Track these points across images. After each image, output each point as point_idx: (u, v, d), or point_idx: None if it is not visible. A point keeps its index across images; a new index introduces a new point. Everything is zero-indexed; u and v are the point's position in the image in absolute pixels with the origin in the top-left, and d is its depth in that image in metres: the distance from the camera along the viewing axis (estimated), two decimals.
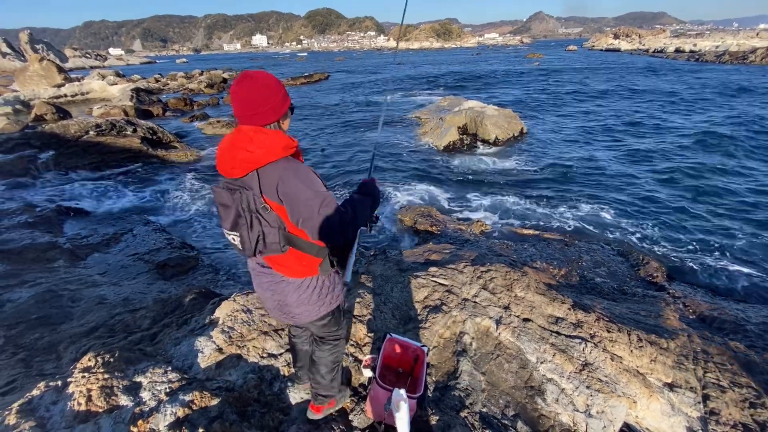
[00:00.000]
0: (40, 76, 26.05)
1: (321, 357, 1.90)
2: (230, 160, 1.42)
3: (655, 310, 3.54)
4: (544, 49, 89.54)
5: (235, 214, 1.42)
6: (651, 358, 2.58)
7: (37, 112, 17.01)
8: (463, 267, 3.68)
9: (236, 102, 1.43)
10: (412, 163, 10.84)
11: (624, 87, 23.86)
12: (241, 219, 1.43)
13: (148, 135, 11.75)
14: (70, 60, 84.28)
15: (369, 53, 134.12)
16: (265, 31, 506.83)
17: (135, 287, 4.67)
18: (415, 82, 31.88)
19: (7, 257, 5.32)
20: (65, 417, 1.75)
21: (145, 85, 29.52)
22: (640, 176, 9.17)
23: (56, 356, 3.14)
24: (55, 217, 7.09)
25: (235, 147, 1.41)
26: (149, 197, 8.80)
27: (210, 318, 2.90)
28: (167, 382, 2.04)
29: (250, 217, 1.43)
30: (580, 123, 14.99)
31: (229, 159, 1.42)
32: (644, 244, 6.15)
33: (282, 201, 1.44)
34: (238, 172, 1.43)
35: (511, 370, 2.53)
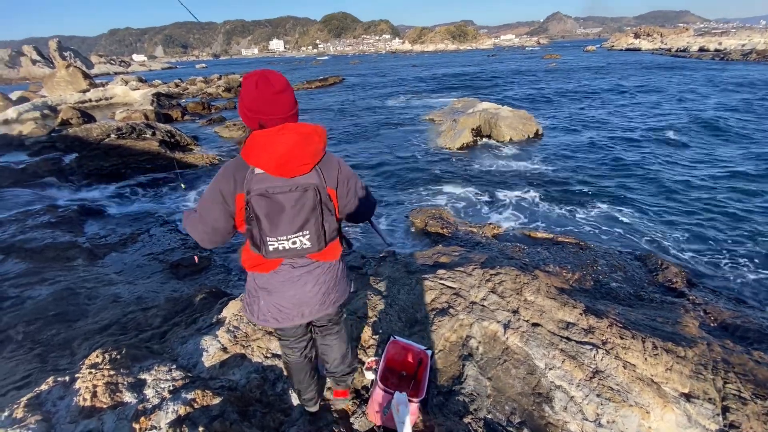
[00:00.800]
0: (66, 82, 27.05)
1: (342, 336, 1.98)
2: (302, 157, 1.37)
3: (674, 317, 3.40)
4: (562, 50, 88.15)
5: (308, 212, 1.42)
6: (667, 366, 2.47)
7: (63, 116, 17.68)
8: (472, 270, 3.62)
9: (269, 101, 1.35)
10: (425, 165, 10.79)
11: (646, 87, 23.25)
12: (316, 216, 1.44)
13: (166, 138, 12.05)
14: (95, 66, 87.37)
15: (384, 56, 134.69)
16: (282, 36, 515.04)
17: (149, 286, 4.77)
18: (429, 84, 31.82)
19: (29, 256, 5.51)
20: (71, 412, 1.78)
21: (166, 89, 30.34)
22: (660, 178, 8.89)
23: (70, 352, 3.22)
24: (76, 217, 7.33)
25: (306, 143, 1.37)
26: (166, 199, 9.00)
27: (217, 317, 2.93)
28: (171, 380, 2.06)
29: (322, 212, 1.46)
30: (598, 124, 14.66)
31: (301, 156, 1.36)
32: (664, 249, 5.95)
33: (338, 186, 1.51)
34: (307, 168, 1.40)
35: (518, 375, 2.46)
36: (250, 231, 1.47)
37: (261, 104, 1.34)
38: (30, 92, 29.57)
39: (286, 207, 1.38)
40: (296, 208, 1.39)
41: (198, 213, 1.47)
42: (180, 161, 11.23)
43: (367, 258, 5.15)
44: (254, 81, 1.34)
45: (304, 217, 1.42)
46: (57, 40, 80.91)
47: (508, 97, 21.56)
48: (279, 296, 1.61)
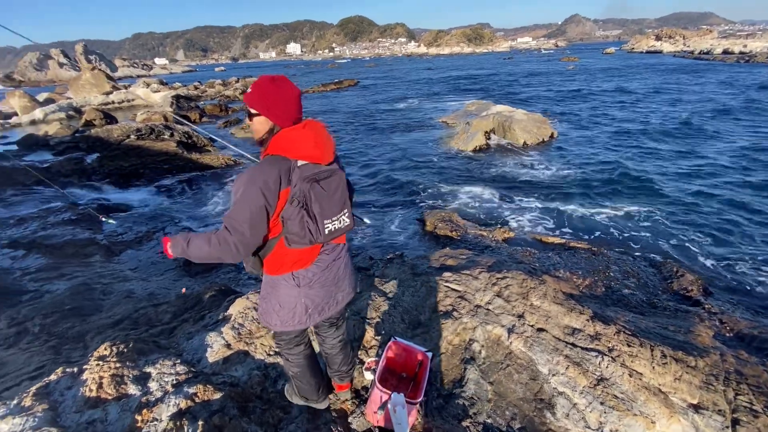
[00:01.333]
0: (91, 84, 27.98)
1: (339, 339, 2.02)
2: (330, 147, 1.54)
3: (686, 326, 3.30)
4: (580, 53, 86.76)
5: (343, 194, 1.57)
6: (675, 376, 2.40)
7: (87, 117, 18.29)
8: (478, 273, 3.59)
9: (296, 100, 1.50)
10: (436, 167, 10.76)
11: (664, 89, 22.69)
12: (346, 195, 1.59)
13: (183, 139, 12.34)
14: (119, 69, 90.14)
15: (399, 59, 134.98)
16: (299, 39, 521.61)
17: (161, 283, 4.89)
18: (443, 87, 31.75)
19: (50, 251, 5.72)
20: (76, 402, 1.84)
21: (185, 92, 31.08)
22: (678, 184, 8.66)
23: (83, 345, 3.32)
24: (95, 215, 7.55)
25: (327, 134, 1.55)
26: (181, 198, 9.20)
27: (224, 314, 2.98)
28: (175, 374, 2.10)
29: (348, 190, 1.63)
30: (615, 128, 14.37)
31: (329, 146, 1.54)
32: (680, 255, 5.78)
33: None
34: (331, 157, 1.56)
35: (520, 381, 2.43)
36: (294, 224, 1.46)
37: (292, 104, 1.48)
38: (56, 94, 30.70)
39: (332, 190, 1.51)
40: (339, 190, 1.54)
41: (230, 226, 1.39)
42: (196, 162, 11.48)
43: (375, 259, 5.16)
44: (279, 84, 1.46)
45: (344, 197, 1.57)
46: (83, 44, 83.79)
47: (523, 100, 21.33)
48: (319, 288, 1.67)
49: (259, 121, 1.49)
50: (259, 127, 1.51)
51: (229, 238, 1.39)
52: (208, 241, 1.43)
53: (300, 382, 1.94)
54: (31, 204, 7.95)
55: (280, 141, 1.46)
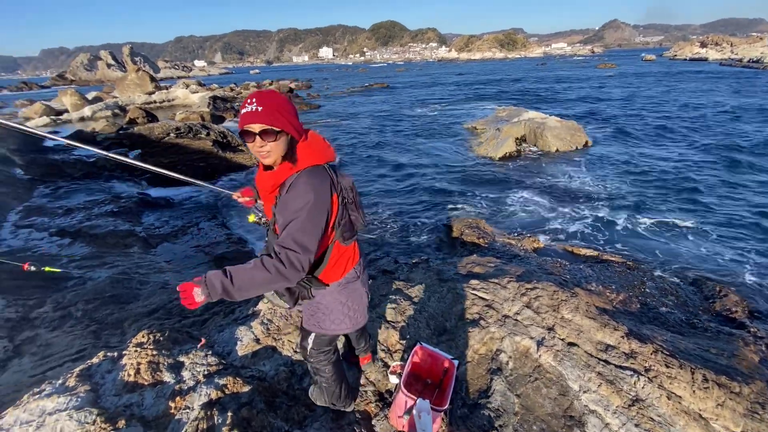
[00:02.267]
0: (135, 84, 29.51)
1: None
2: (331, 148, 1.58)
3: (730, 349, 3.10)
4: (617, 59, 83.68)
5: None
6: (718, 401, 2.26)
7: (131, 115, 19.28)
8: (506, 282, 3.52)
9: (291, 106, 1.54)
10: (464, 173, 10.64)
11: (709, 99, 21.52)
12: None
13: (219, 138, 12.78)
14: (161, 71, 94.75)
15: (430, 64, 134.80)
16: (332, 43, 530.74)
17: (194, 275, 5.06)
18: (473, 92, 31.42)
19: (93, 240, 6.05)
20: (116, 385, 1.93)
21: (221, 93, 32.20)
22: (721, 198, 8.17)
23: (121, 331, 3.49)
24: (136, 208, 7.95)
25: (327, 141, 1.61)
26: (215, 195, 9.53)
27: (253, 310, 3.06)
28: (206, 365, 2.17)
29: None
30: (653, 137, 13.76)
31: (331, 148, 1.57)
32: (723, 274, 5.44)
33: None
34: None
35: (549, 395, 2.36)
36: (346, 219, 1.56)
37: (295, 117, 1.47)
38: (103, 93, 32.57)
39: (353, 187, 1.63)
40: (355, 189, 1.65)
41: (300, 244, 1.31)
42: (230, 161, 11.87)
43: (400, 263, 5.16)
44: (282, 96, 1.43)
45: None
46: (130, 46, 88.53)
47: (555, 107, 20.79)
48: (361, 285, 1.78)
49: (284, 140, 1.37)
50: (281, 146, 1.37)
51: (300, 258, 1.30)
52: (265, 268, 1.28)
53: (329, 388, 1.97)
54: (78, 195, 8.45)
55: (310, 151, 1.43)
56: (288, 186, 1.38)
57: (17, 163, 10.26)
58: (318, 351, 1.83)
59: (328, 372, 1.90)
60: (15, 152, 11.21)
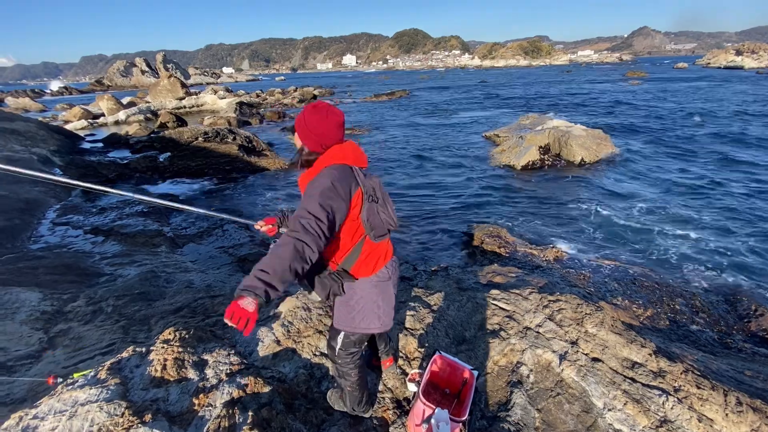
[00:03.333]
0: (167, 90, 30.71)
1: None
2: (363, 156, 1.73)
3: (766, 372, 2.94)
4: (647, 67, 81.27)
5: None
6: (752, 426, 2.14)
7: (162, 120, 20.06)
8: (528, 293, 3.46)
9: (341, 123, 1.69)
10: (485, 181, 10.53)
11: (742, 111, 20.59)
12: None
13: (244, 143, 13.14)
14: (191, 77, 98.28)
15: (453, 71, 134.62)
16: (355, 51, 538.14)
17: (218, 276, 5.20)
18: (496, 100, 31.14)
19: (124, 239, 6.30)
20: (143, 380, 2.00)
21: (248, 99, 33.16)
22: (758, 214, 7.77)
23: (148, 328, 3.61)
24: (164, 209, 8.23)
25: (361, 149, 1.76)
26: (240, 196, 9.77)
27: (274, 311, 3.11)
28: (229, 364, 2.23)
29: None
30: (685, 149, 13.26)
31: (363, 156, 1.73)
32: (759, 293, 5.17)
33: None
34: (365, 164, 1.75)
35: (571, 411, 2.29)
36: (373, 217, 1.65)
37: (328, 131, 1.64)
38: (137, 98, 34.06)
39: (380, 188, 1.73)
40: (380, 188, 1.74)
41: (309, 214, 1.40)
42: (254, 165, 12.16)
43: (419, 270, 5.14)
44: (323, 114, 1.62)
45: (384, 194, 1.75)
46: (163, 53, 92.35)
47: (581, 115, 20.35)
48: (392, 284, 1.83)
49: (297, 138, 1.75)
50: (297, 142, 1.76)
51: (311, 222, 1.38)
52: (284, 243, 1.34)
53: (351, 393, 2.01)
54: (111, 196, 8.83)
55: (335, 153, 1.63)
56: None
57: (57, 163, 10.84)
58: (346, 352, 1.88)
59: (353, 376, 1.93)
60: (55, 153, 11.84)
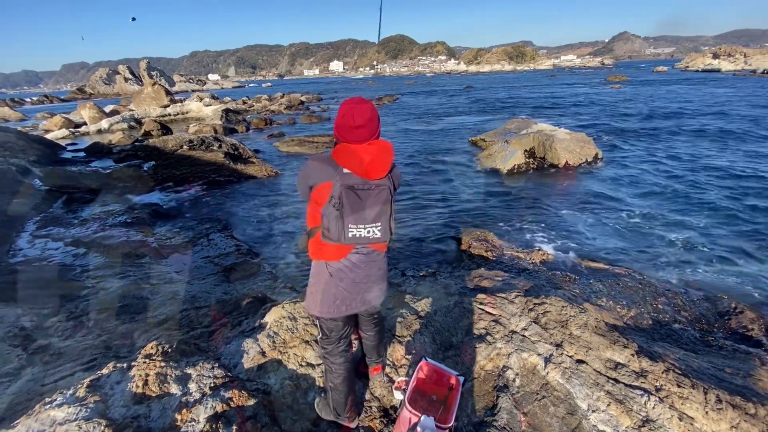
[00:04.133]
0: (151, 98, 30.32)
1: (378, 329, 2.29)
2: (383, 163, 1.73)
3: (745, 369, 3.02)
4: (627, 71, 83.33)
5: (382, 207, 1.73)
6: (732, 423, 2.20)
7: (146, 128, 19.78)
8: (514, 297, 3.50)
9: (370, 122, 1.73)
10: (472, 185, 10.63)
11: (722, 111, 21.25)
12: (387, 210, 1.75)
13: (230, 151, 13.02)
14: (176, 84, 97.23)
15: (439, 76, 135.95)
16: (342, 57, 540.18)
17: (203, 287, 5.12)
18: (482, 105, 31.55)
19: (107, 251, 6.17)
20: (124, 396, 1.96)
21: (234, 106, 32.92)
22: (738, 214, 8.01)
23: (131, 342, 3.54)
24: (149, 218, 8.10)
25: (384, 156, 1.74)
26: (226, 205, 9.67)
27: (260, 322, 3.08)
28: (212, 378, 2.19)
29: (390, 208, 1.78)
30: (669, 150, 13.60)
31: (382, 163, 1.73)
32: (738, 290, 5.31)
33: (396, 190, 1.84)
34: (384, 174, 1.75)
35: (556, 414, 2.32)
36: (328, 220, 1.72)
37: (344, 132, 1.74)
38: (121, 106, 33.55)
39: (366, 202, 1.70)
40: (375, 204, 1.72)
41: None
42: (241, 173, 12.06)
43: (407, 276, 5.16)
44: (344, 112, 1.72)
45: (379, 211, 1.73)
46: (147, 61, 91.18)
47: (565, 118, 20.74)
48: (349, 282, 1.87)
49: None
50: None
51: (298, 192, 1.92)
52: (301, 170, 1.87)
53: (336, 395, 2.03)
54: (93, 206, 8.66)
55: (337, 150, 1.75)
56: None
57: (36, 174, 10.58)
58: (322, 339, 2.00)
59: (336, 373, 1.99)
60: (35, 164, 11.57)
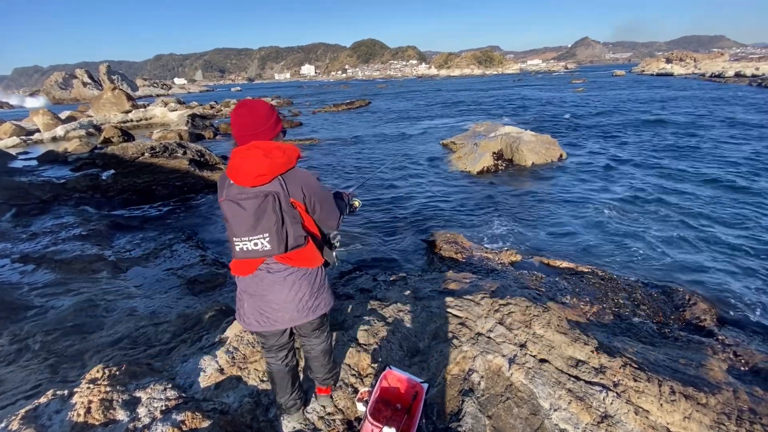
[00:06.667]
0: (111, 103, 29.00)
1: (321, 348, 2.11)
2: (259, 169, 1.56)
3: (698, 359, 3.16)
4: (589, 75, 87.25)
5: (267, 216, 1.58)
6: (685, 414, 2.28)
7: (106, 135, 18.88)
8: (480, 299, 3.52)
9: (243, 122, 1.64)
10: (443, 188, 10.75)
11: (676, 112, 22.55)
12: (273, 220, 1.59)
13: (196, 157, 12.60)
14: (140, 89, 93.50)
15: (411, 80, 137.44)
16: (313, 61, 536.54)
17: (164, 301, 4.89)
18: (452, 108, 32.11)
19: (58, 266, 5.80)
20: (63, 427, 1.82)
21: (201, 111, 31.97)
22: (694, 209, 8.47)
23: (81, 364, 3.31)
24: (106, 230, 7.69)
25: (259, 159, 1.57)
26: (191, 214, 9.33)
27: (220, 337, 2.96)
28: (165, 400, 2.07)
29: (282, 217, 1.62)
30: (626, 149, 14.26)
31: (258, 168, 1.56)
32: (693, 282, 5.60)
33: (305, 198, 1.69)
34: (265, 179, 1.59)
35: (520, 415, 2.33)
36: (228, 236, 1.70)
37: (233, 127, 1.68)
38: (78, 112, 31.88)
39: (245, 211, 1.56)
40: (255, 213, 1.56)
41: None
42: (207, 180, 11.68)
43: (378, 281, 5.12)
44: (237, 110, 1.68)
45: (262, 221, 1.58)
46: (107, 64, 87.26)
47: (531, 121, 21.40)
48: (259, 299, 1.80)
49: None
50: None
51: None
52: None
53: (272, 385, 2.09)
54: (45, 219, 8.14)
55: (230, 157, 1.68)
56: None
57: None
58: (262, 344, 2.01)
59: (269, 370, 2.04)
60: None
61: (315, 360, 2.13)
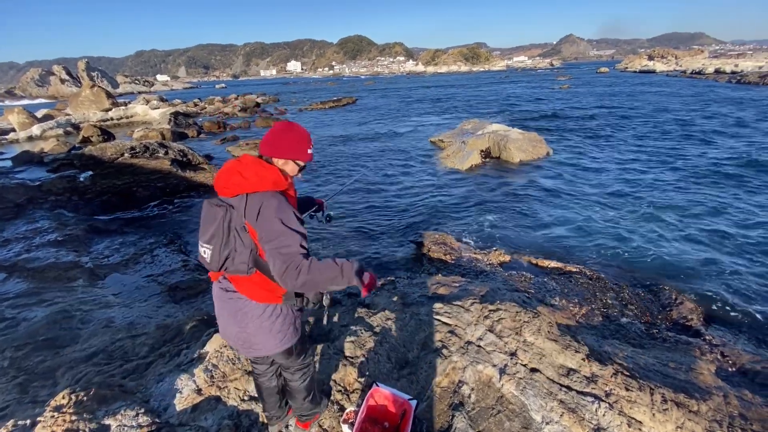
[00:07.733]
0: (90, 101, 28.14)
1: (294, 385, 2.00)
2: (226, 180, 1.58)
3: (687, 362, 3.15)
4: (574, 71, 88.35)
5: (215, 228, 1.55)
6: (677, 424, 2.25)
7: (85, 134, 18.31)
8: (470, 305, 3.45)
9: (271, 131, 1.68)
10: (432, 187, 10.69)
11: (659, 109, 22.93)
12: (219, 233, 1.55)
13: (178, 157, 12.26)
14: (120, 86, 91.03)
15: (398, 77, 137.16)
16: (300, 57, 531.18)
17: (143, 310, 4.70)
18: (440, 105, 32.10)
19: (31, 275, 5.54)
20: None
21: (184, 109, 31.31)
22: (679, 205, 8.58)
23: (53, 382, 3.14)
24: (84, 235, 7.40)
25: (232, 171, 1.57)
26: (173, 217, 9.08)
27: (199, 352, 2.82)
28: (136, 427, 1.94)
29: (228, 233, 1.56)
30: (612, 146, 14.42)
31: (225, 179, 1.58)
32: (680, 281, 5.64)
33: (257, 226, 1.54)
34: (229, 192, 1.59)
35: (512, 429, 2.27)
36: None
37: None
38: (56, 110, 30.85)
39: (208, 218, 1.58)
40: (209, 221, 1.57)
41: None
42: (190, 180, 11.39)
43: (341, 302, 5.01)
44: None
45: (211, 230, 1.56)
46: (86, 60, 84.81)
47: (518, 118, 21.50)
48: (218, 310, 1.78)
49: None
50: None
51: None
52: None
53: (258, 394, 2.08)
54: (18, 224, 7.80)
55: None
56: None
57: None
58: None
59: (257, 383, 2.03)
60: None
61: (291, 394, 2.05)
